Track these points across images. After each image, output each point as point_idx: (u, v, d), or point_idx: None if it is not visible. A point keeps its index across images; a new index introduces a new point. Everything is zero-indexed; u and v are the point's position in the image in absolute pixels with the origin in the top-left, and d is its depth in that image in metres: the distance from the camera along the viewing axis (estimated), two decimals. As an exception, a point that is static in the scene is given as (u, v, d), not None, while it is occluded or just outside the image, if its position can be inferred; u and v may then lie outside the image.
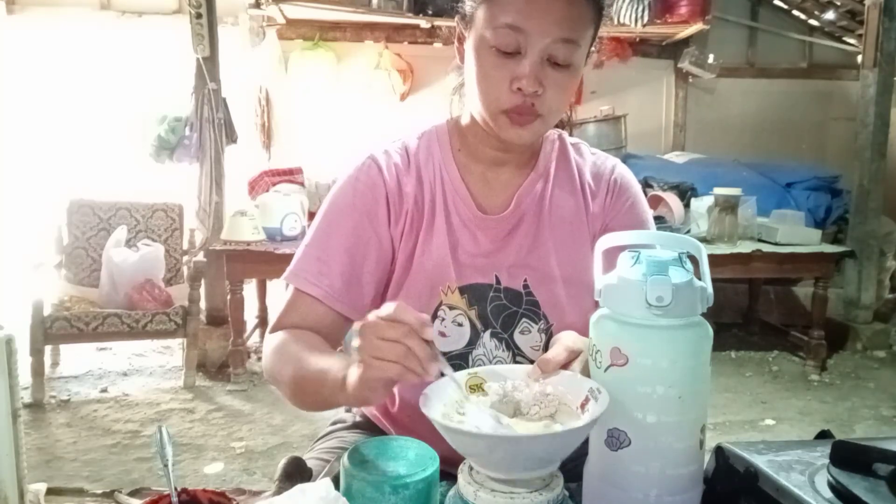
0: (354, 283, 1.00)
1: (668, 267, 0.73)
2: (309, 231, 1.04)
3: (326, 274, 0.99)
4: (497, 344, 1.02)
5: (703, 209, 3.82)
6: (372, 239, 1.01)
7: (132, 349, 3.91)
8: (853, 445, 0.73)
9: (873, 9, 4.10)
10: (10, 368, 0.87)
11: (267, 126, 4.96)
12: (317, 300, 0.98)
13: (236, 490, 0.97)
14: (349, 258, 1.00)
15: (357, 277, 1.00)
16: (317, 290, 0.98)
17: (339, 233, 1.01)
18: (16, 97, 4.78)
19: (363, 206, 1.01)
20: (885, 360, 4.11)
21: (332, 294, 0.98)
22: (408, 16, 4.55)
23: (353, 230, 1.01)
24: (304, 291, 0.99)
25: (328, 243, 1.01)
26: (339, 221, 1.02)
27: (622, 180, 1.09)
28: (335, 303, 0.98)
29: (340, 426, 1.18)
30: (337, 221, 1.02)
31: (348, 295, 0.99)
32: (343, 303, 0.99)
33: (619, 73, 4.99)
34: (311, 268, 1.00)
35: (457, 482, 0.72)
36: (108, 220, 3.60)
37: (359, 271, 1.00)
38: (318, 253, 1.00)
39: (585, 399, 0.74)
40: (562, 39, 0.90)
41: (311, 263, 1.00)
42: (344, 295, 0.99)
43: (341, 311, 0.99)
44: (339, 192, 1.04)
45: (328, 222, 1.02)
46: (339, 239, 1.00)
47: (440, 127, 1.09)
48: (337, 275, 0.99)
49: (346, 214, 1.02)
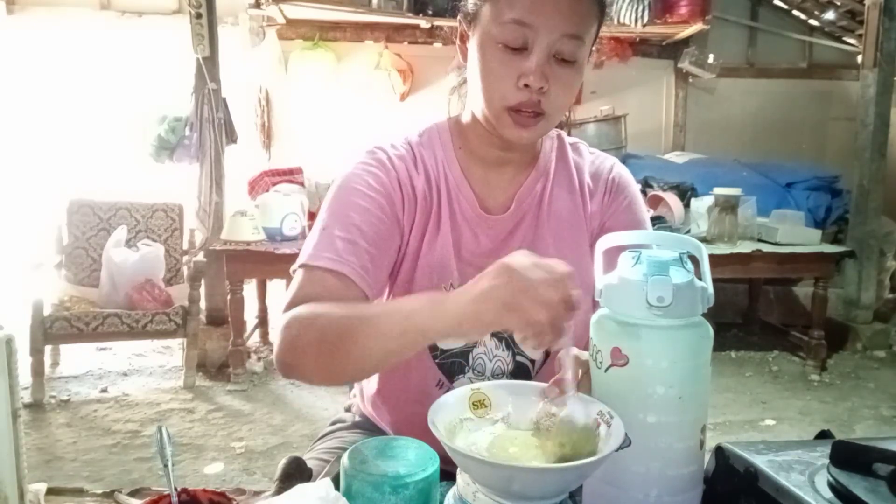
0: (378, 264, 0.96)
1: (669, 267, 0.73)
2: (320, 218, 0.98)
3: (352, 252, 0.93)
4: (497, 343, 1.02)
5: (703, 209, 3.82)
6: (392, 219, 0.99)
7: (132, 349, 3.91)
8: (853, 445, 0.73)
9: (873, 9, 4.10)
10: (10, 368, 0.87)
11: (267, 126, 4.96)
12: (342, 277, 0.91)
13: (236, 490, 0.97)
14: (374, 235, 0.95)
15: (380, 259, 0.96)
16: (345, 267, 0.91)
17: (359, 212, 0.96)
18: (16, 97, 4.78)
19: (381, 188, 0.98)
20: (885, 360, 4.11)
21: (362, 271, 0.92)
22: (408, 16, 4.55)
23: (375, 209, 0.97)
24: (329, 270, 0.91)
25: (348, 222, 0.95)
26: (357, 202, 0.97)
27: (620, 180, 1.09)
28: (364, 281, 0.92)
29: (340, 426, 1.18)
30: (354, 202, 0.97)
31: (374, 275, 0.95)
32: (369, 282, 0.93)
33: (619, 73, 4.99)
34: (335, 246, 0.93)
35: (456, 482, 0.72)
36: (108, 220, 3.60)
37: (381, 253, 0.96)
38: (341, 232, 0.94)
39: (595, 423, 0.72)
40: (568, 35, 0.90)
41: (334, 242, 0.93)
42: (370, 274, 0.94)
43: (367, 293, 0.93)
44: (352, 176, 0.99)
45: (344, 204, 0.97)
46: (360, 218, 0.95)
47: (441, 125, 1.09)
48: (363, 252, 0.93)
49: (363, 196, 0.97)
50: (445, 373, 1.01)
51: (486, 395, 0.78)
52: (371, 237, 0.95)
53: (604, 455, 0.65)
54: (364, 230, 0.95)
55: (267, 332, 4.15)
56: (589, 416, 0.73)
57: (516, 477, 0.64)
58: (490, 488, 0.67)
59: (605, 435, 0.70)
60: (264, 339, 4.12)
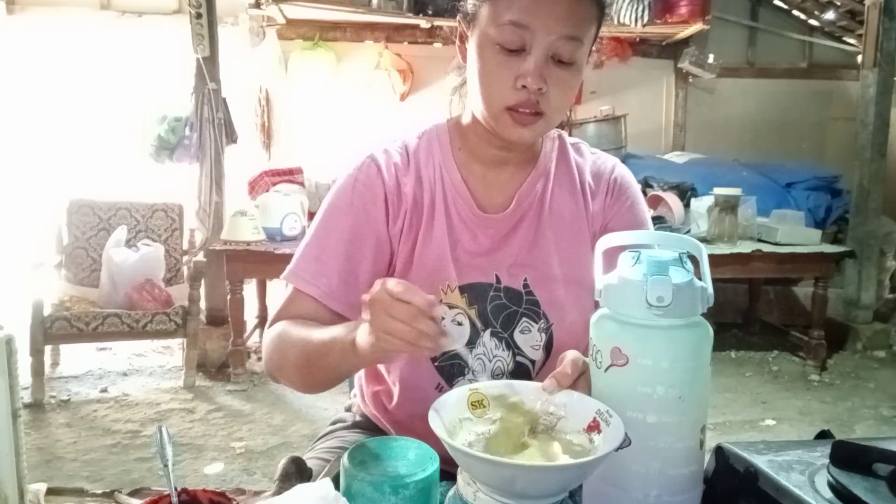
0: (352, 283, 1.00)
1: (669, 267, 0.73)
2: (308, 231, 1.05)
3: (324, 273, 0.99)
4: (497, 343, 1.02)
5: (703, 209, 3.82)
6: (370, 238, 1.01)
7: (132, 349, 3.91)
8: (853, 445, 0.73)
9: (873, 9, 4.10)
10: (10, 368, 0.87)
11: (267, 126, 4.96)
12: (313, 299, 0.99)
13: (236, 490, 0.97)
14: (346, 258, 1.00)
15: (354, 277, 1.00)
16: (314, 289, 0.99)
17: (336, 232, 1.01)
18: (16, 97, 4.78)
19: (361, 206, 1.02)
20: (885, 360, 4.11)
21: (328, 293, 0.99)
22: (408, 16, 4.55)
23: (351, 229, 1.01)
24: (301, 290, 1.00)
25: (326, 243, 1.01)
26: (337, 221, 1.02)
27: (622, 180, 1.09)
28: (332, 302, 0.99)
29: (340, 426, 1.18)
30: (335, 221, 1.02)
31: (345, 294, 0.99)
32: (340, 302, 0.99)
33: (619, 73, 4.99)
34: (309, 267, 1.01)
35: (456, 482, 0.72)
36: (108, 220, 3.60)
37: (356, 271, 1.00)
38: (317, 252, 1.01)
39: (594, 421, 0.73)
40: (566, 37, 0.90)
41: (310, 263, 1.01)
42: (341, 294, 0.99)
43: (338, 311, 0.99)
44: (339, 191, 1.04)
45: (326, 222, 1.03)
46: (336, 238, 1.01)
47: (440, 126, 1.09)
48: (334, 274, 0.99)
49: (344, 214, 1.02)
50: (445, 375, 1.01)
51: (484, 395, 0.78)
52: (346, 256, 1.00)
53: (604, 453, 0.65)
54: (339, 251, 1.00)
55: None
56: (586, 415, 0.73)
57: (517, 475, 0.65)
58: (491, 487, 0.67)
59: (606, 433, 0.70)
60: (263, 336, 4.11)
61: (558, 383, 0.77)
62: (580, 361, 0.80)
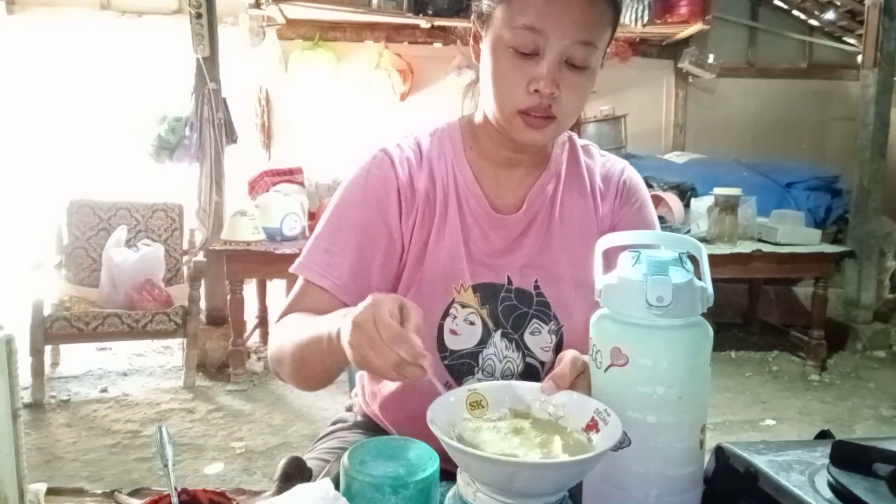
0: (363, 276, 0.99)
1: (669, 267, 0.73)
2: (319, 223, 1.04)
3: (335, 266, 0.99)
4: (507, 344, 1.01)
5: (703, 209, 3.82)
6: (382, 232, 1.01)
7: (132, 349, 3.91)
8: (853, 445, 0.73)
9: (873, 9, 4.10)
10: (10, 368, 0.87)
11: (267, 126, 4.96)
12: (324, 291, 0.98)
13: (236, 490, 0.97)
14: (358, 251, 1.00)
15: (366, 270, 1.00)
16: (325, 281, 0.98)
17: (348, 225, 1.01)
18: (16, 97, 4.78)
19: (374, 199, 1.01)
20: (885, 360, 4.11)
21: (339, 286, 0.98)
22: (408, 16, 4.55)
23: (363, 222, 1.00)
24: (312, 282, 0.99)
25: (338, 235, 1.01)
26: (350, 214, 1.01)
27: (631, 183, 1.09)
28: (342, 294, 0.98)
29: (341, 426, 1.17)
30: (347, 214, 1.02)
31: (356, 287, 0.98)
32: (350, 295, 0.98)
33: (619, 73, 4.99)
34: (320, 259, 1.00)
35: (456, 482, 0.72)
36: (108, 220, 3.60)
37: (368, 264, 1.00)
38: (328, 245, 1.00)
39: (592, 420, 0.73)
40: (580, 41, 0.90)
41: (320, 255, 1.00)
42: (351, 287, 0.98)
43: (348, 303, 0.97)
44: (351, 184, 1.04)
45: (339, 214, 1.02)
46: (348, 231, 1.00)
47: (452, 125, 1.09)
48: (346, 267, 0.99)
49: (357, 206, 1.01)
50: (454, 374, 1.01)
51: (482, 395, 0.78)
52: (358, 249, 1.00)
53: (603, 451, 0.65)
54: (351, 244, 1.00)
55: (267, 332, 4.15)
56: (584, 415, 0.73)
57: (516, 473, 0.65)
58: (490, 486, 0.67)
59: (605, 432, 0.70)
60: (264, 339, 4.12)
61: (556, 385, 0.78)
62: (578, 361, 0.80)
